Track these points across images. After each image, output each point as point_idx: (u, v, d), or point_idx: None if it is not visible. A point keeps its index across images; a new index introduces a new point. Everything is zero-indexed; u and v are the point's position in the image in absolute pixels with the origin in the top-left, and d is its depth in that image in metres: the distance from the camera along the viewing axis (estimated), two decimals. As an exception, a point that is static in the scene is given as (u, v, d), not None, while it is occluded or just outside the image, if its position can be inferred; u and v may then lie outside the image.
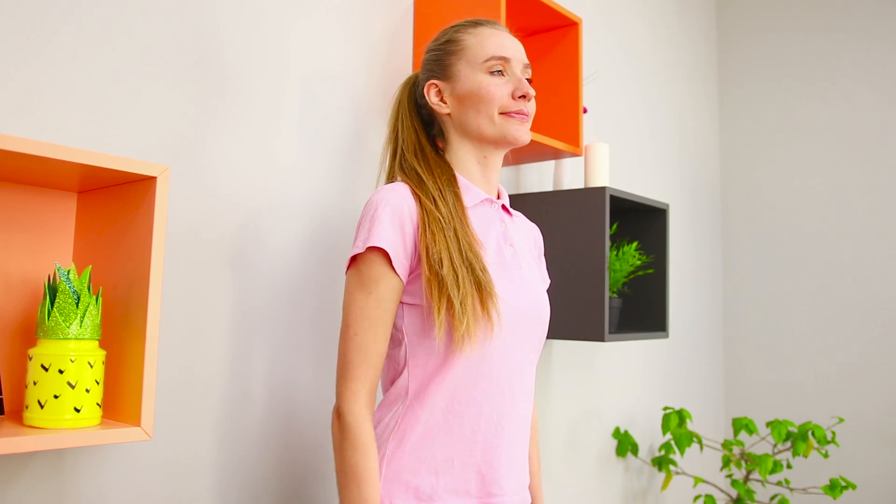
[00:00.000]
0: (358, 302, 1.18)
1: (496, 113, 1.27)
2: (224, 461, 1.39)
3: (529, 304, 1.27)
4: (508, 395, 1.23)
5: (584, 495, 2.43)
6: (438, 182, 1.25)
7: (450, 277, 1.15)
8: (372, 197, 1.22)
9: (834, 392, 3.15)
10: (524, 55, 1.32)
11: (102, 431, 1.01)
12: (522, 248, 1.34)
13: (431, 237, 1.17)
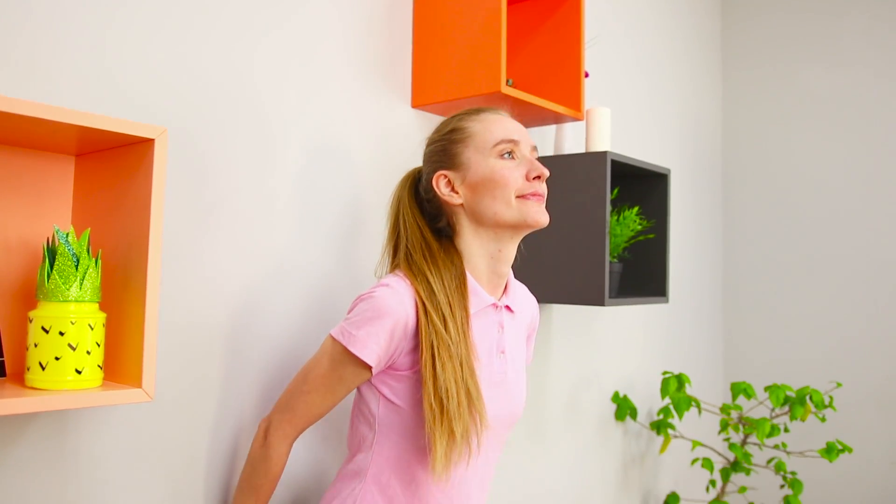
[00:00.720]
0: (322, 369, 1.22)
1: (513, 197, 1.23)
2: (225, 423, 1.40)
3: (506, 413, 1.29)
4: (466, 493, 1.27)
5: (583, 459, 2.45)
6: (448, 291, 1.21)
7: (453, 407, 1.14)
8: (378, 296, 1.19)
9: (832, 357, 3.17)
10: (530, 137, 1.30)
11: (104, 393, 1.02)
12: (513, 347, 1.33)
13: (441, 365, 1.15)
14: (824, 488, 3.16)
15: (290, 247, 1.52)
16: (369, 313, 1.18)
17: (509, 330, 1.32)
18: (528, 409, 2.20)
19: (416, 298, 1.19)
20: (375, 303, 1.18)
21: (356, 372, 1.20)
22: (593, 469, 2.51)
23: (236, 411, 1.41)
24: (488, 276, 1.29)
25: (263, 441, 1.28)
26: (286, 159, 1.52)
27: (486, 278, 1.28)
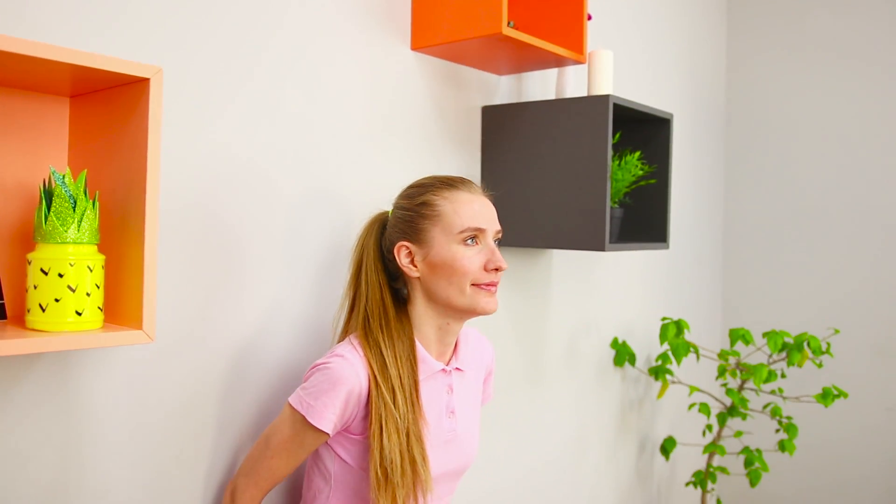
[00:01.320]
0: (283, 435, 1.28)
1: (468, 285, 1.29)
2: (227, 365, 1.41)
3: (454, 463, 1.37)
4: None
5: (581, 404, 2.48)
6: (398, 363, 1.27)
7: (397, 477, 1.22)
8: (334, 367, 1.25)
9: (831, 305, 3.18)
10: (496, 221, 1.34)
11: (104, 334, 1.02)
12: (465, 405, 1.40)
13: (388, 437, 1.23)
14: (819, 433, 3.21)
15: (287, 189, 1.51)
16: (325, 385, 1.24)
17: (459, 390, 1.39)
18: (528, 355, 2.22)
19: (368, 370, 1.26)
20: (331, 374, 1.25)
21: (315, 437, 1.26)
22: (591, 414, 2.54)
23: (238, 352, 1.42)
24: (437, 345, 1.36)
25: (231, 501, 1.33)
26: (283, 102, 1.50)
27: (435, 346, 1.36)
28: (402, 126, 1.77)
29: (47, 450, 1.17)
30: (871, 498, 3.11)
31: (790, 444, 2.64)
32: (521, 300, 2.18)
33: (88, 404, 1.21)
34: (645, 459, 2.89)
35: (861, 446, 3.13)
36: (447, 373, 1.37)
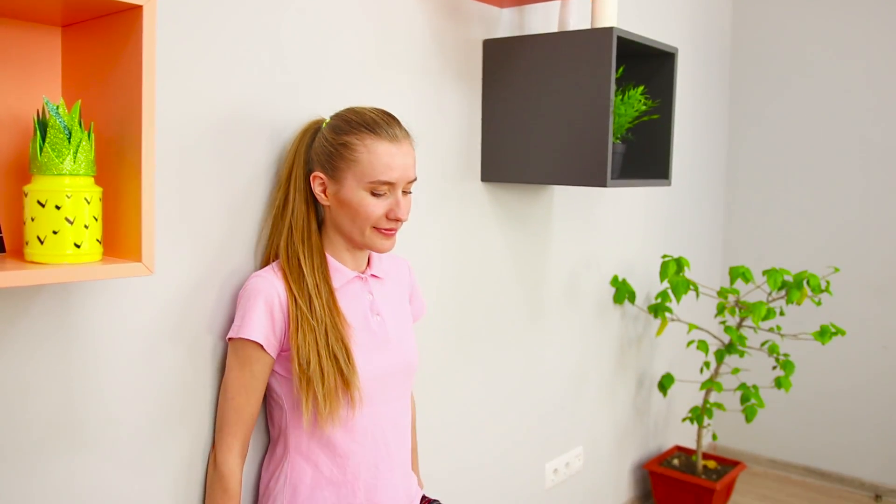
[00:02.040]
0: (234, 373, 1.34)
1: (368, 228, 1.37)
2: (228, 294, 1.41)
3: (394, 363, 1.44)
4: (382, 442, 1.43)
5: (581, 341, 2.50)
6: (316, 275, 1.36)
7: (316, 376, 1.30)
8: (249, 284, 1.35)
9: (831, 243, 3.18)
10: (412, 172, 1.37)
11: (104, 266, 1.02)
12: (389, 308, 1.48)
13: (303, 338, 1.31)
14: (815, 370, 3.24)
15: (284, 124, 1.49)
16: (244, 301, 1.34)
17: (380, 295, 1.48)
18: (528, 292, 2.22)
19: (284, 282, 1.34)
20: (247, 291, 1.34)
21: (259, 358, 1.33)
22: (591, 350, 2.56)
23: (238, 281, 1.42)
24: (350, 258, 1.44)
25: (214, 463, 1.37)
26: (281, 36, 1.47)
27: (349, 259, 1.44)
28: (403, 60, 1.74)
29: (52, 382, 1.18)
30: (864, 434, 3.17)
31: (786, 380, 2.66)
32: (522, 237, 2.18)
33: (91, 337, 1.22)
34: (643, 395, 2.93)
35: (856, 383, 3.17)
36: (363, 279, 1.45)
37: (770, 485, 3.25)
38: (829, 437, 3.26)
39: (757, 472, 3.38)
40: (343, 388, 1.33)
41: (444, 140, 1.88)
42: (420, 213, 1.82)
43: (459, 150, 1.93)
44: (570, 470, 2.51)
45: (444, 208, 1.91)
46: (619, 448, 2.81)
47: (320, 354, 1.31)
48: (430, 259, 1.88)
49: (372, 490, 1.42)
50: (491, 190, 2.04)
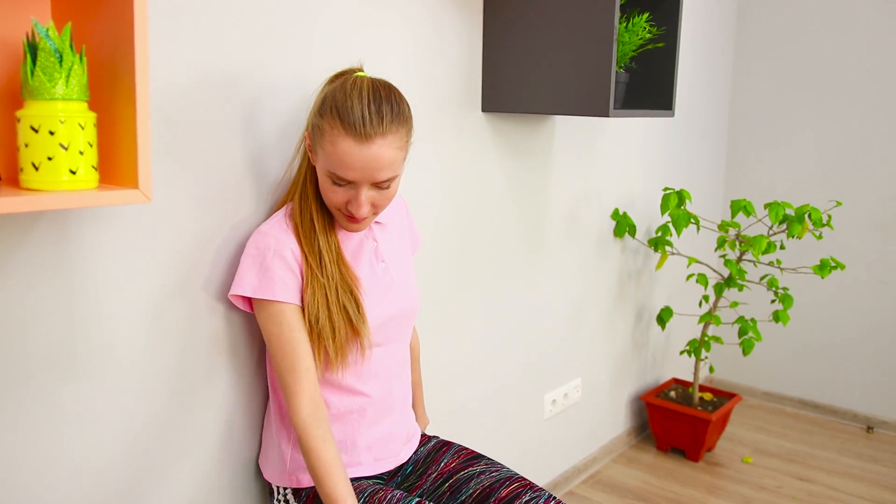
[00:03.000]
0: (275, 334, 1.32)
1: (334, 208, 1.34)
2: (228, 222, 1.40)
3: (399, 308, 1.46)
4: (386, 382, 1.46)
5: (581, 274, 2.50)
6: (327, 233, 1.37)
7: (326, 331, 1.33)
8: (261, 241, 1.33)
9: (833, 177, 3.16)
10: (380, 173, 1.28)
11: (100, 193, 1.00)
12: (393, 253, 1.49)
13: (312, 295, 1.32)
14: (813, 305, 3.26)
15: (279, 64, 1.46)
16: (260, 258, 1.32)
17: (384, 242, 1.48)
18: (528, 225, 2.21)
19: (295, 237, 1.34)
20: (257, 248, 1.33)
21: (293, 311, 1.32)
22: (590, 284, 2.56)
23: (236, 206, 1.41)
24: None
25: (298, 433, 1.30)
26: (276, -45, 1.43)
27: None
28: (401, -16, 1.70)
29: (53, 312, 1.18)
30: (858, 367, 3.20)
31: (784, 314, 2.68)
32: (523, 169, 2.16)
33: (90, 266, 1.22)
34: (641, 329, 2.95)
35: (853, 318, 3.19)
36: (368, 228, 1.45)
37: (765, 416, 3.30)
38: (823, 371, 3.30)
39: (752, 405, 3.43)
40: (353, 337, 1.36)
41: (444, 69, 1.84)
42: (419, 144, 1.80)
43: (459, 80, 1.89)
44: (568, 401, 2.54)
45: (444, 140, 1.88)
46: (617, 380, 2.84)
47: (330, 310, 1.33)
48: (429, 192, 1.87)
49: (375, 426, 1.46)
50: (491, 121, 2.02)
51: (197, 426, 1.42)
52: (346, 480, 1.28)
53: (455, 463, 1.53)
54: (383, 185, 1.31)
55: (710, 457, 2.89)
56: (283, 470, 1.44)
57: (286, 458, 1.44)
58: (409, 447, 1.55)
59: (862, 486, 2.68)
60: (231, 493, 1.52)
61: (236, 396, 1.48)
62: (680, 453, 2.91)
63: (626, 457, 2.89)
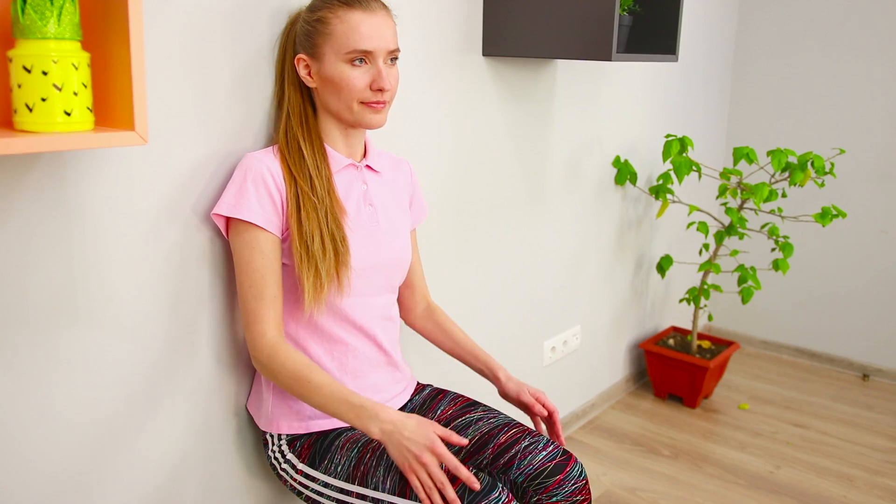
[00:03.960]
0: (245, 259, 1.32)
1: (355, 102, 1.34)
2: (227, 160, 1.39)
3: (383, 256, 1.45)
4: (370, 333, 1.45)
5: (581, 222, 2.49)
6: (316, 157, 1.36)
7: (318, 252, 1.31)
8: (243, 162, 1.33)
9: (837, 125, 3.13)
10: (391, 41, 1.34)
11: (96, 135, 0.99)
12: (383, 202, 1.48)
13: (307, 216, 1.31)
14: (813, 254, 3.26)
15: None
16: (239, 179, 1.32)
17: (375, 187, 1.47)
18: (529, 172, 2.20)
19: (280, 164, 1.34)
20: (242, 169, 1.33)
21: (267, 239, 1.32)
22: (590, 232, 2.56)
23: (233, 144, 1.40)
24: (344, 146, 1.43)
25: (258, 362, 1.34)
26: None
27: (343, 147, 1.43)
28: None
29: (52, 256, 1.18)
30: (855, 316, 3.22)
31: (784, 263, 2.68)
32: (523, 115, 2.14)
33: (89, 211, 1.21)
34: (641, 277, 2.96)
35: (851, 267, 3.20)
36: (357, 168, 1.44)
37: (762, 365, 3.33)
38: (821, 320, 3.32)
39: (750, 353, 3.46)
40: (336, 269, 1.34)
41: (444, 12, 1.81)
42: (417, 88, 1.77)
43: (460, 23, 1.86)
44: (567, 348, 2.56)
45: (443, 84, 1.85)
46: (616, 328, 2.86)
47: (322, 232, 1.32)
48: (428, 137, 1.85)
49: (358, 378, 1.46)
50: (492, 65, 1.98)
51: (192, 370, 1.43)
52: (324, 372, 1.31)
53: (452, 410, 1.54)
54: (396, 54, 1.36)
55: (707, 403, 2.92)
56: (267, 416, 1.45)
57: (269, 401, 1.45)
58: (397, 401, 1.54)
59: (856, 433, 2.71)
60: (225, 440, 1.53)
61: (229, 334, 1.48)
62: (677, 400, 2.94)
63: (624, 403, 2.92)
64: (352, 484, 1.33)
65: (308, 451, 1.41)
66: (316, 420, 1.43)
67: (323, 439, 1.41)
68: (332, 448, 1.39)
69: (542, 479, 1.40)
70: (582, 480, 1.42)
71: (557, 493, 1.40)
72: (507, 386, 1.57)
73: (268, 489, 1.66)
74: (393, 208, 1.51)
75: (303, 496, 1.42)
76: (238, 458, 1.57)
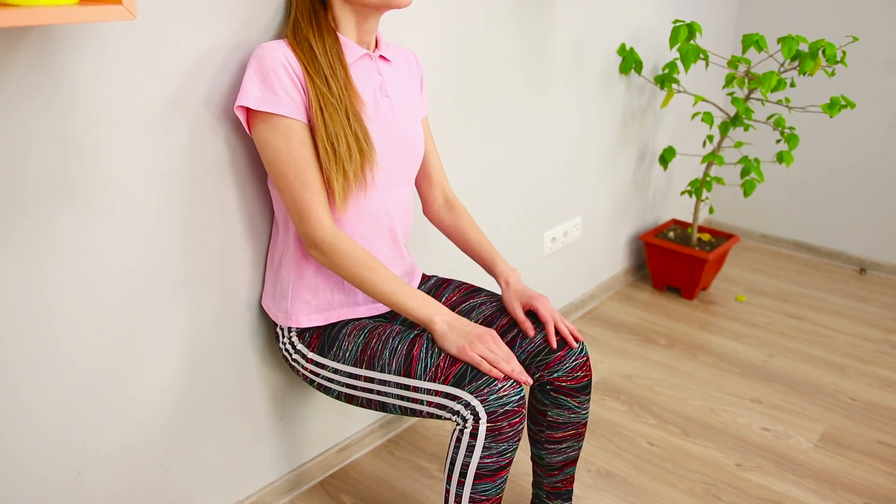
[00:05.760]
0: (284, 150, 1.28)
1: None
2: (225, 45, 1.35)
3: (401, 148, 1.43)
4: (387, 222, 1.45)
5: (584, 112, 2.44)
6: (329, 56, 1.31)
7: (345, 154, 1.29)
8: (260, 53, 1.27)
9: (851, 12, 3.02)
10: None
11: (81, 9, 0.95)
12: (398, 92, 1.44)
13: (329, 117, 1.28)
14: (817, 148, 3.22)
15: None
16: (257, 70, 1.27)
17: (390, 77, 1.44)
18: (532, 59, 2.14)
19: (295, 56, 1.29)
20: (255, 61, 1.28)
21: (301, 127, 1.29)
22: (593, 122, 2.51)
23: (242, 35, 1.35)
24: (357, 34, 1.38)
25: (318, 251, 1.33)
26: None
27: (356, 36, 1.38)
28: None
29: (44, 138, 1.15)
30: (855, 210, 3.21)
31: (788, 155, 2.65)
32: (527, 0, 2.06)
33: (80, 89, 1.17)
34: (643, 169, 2.93)
35: (856, 161, 3.16)
36: (371, 58, 1.40)
37: (760, 258, 3.34)
38: (821, 214, 3.31)
39: (749, 247, 3.47)
40: (362, 168, 1.33)
41: None
42: (420, -33, 1.70)
43: None
44: (567, 239, 2.56)
45: (446, -37, 1.78)
46: (616, 220, 2.85)
47: (346, 134, 1.29)
48: (429, 25, 1.78)
49: None
50: (496, -56, 1.90)
51: (199, 259, 1.43)
52: (385, 266, 1.34)
53: (456, 297, 1.56)
54: None
55: (704, 295, 2.95)
56: (285, 311, 1.46)
57: (288, 297, 1.45)
58: None
59: (850, 324, 2.75)
60: (240, 333, 1.55)
61: (241, 229, 1.48)
62: (675, 292, 2.97)
63: (623, 294, 2.95)
64: (360, 368, 1.36)
65: (317, 340, 1.43)
66: (334, 311, 1.45)
67: (331, 328, 1.43)
68: (340, 336, 1.41)
69: (543, 355, 1.42)
70: (583, 357, 1.44)
71: (559, 370, 1.43)
72: (515, 288, 1.52)
73: (281, 379, 1.69)
74: (408, 99, 1.47)
75: (314, 384, 1.45)
76: (252, 350, 1.60)
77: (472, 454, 1.27)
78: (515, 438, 1.27)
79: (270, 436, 1.72)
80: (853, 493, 1.86)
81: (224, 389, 1.57)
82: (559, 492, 1.58)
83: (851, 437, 2.09)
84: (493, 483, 1.29)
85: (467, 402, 1.25)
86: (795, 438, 2.08)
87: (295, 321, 1.45)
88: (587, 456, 1.98)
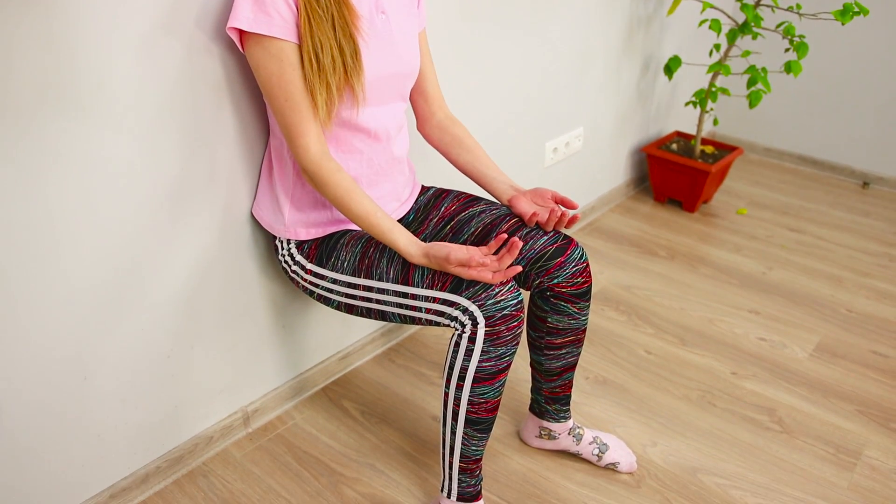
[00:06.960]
0: (275, 73, 1.26)
1: None
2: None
3: (396, 68, 1.39)
4: (384, 138, 1.43)
5: (588, 20, 2.38)
6: None
7: (329, 65, 1.25)
8: None
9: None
10: None
11: None
12: (395, 6, 1.39)
13: (317, 27, 1.23)
14: (825, 59, 3.15)
15: None
16: None
17: None
18: (535, -40, 2.07)
19: None
20: None
21: (291, 50, 1.25)
22: (597, 30, 2.45)
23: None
24: None
25: (307, 174, 1.32)
26: None
27: None
28: None
29: (35, 41, 1.11)
30: (860, 124, 3.16)
31: (797, 64, 2.59)
32: None
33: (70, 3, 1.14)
34: (648, 79, 2.87)
35: (864, 73, 3.09)
36: None
37: (763, 172, 3.32)
38: (826, 127, 3.26)
39: (752, 160, 3.44)
40: (346, 80, 1.29)
41: None
42: None
43: None
44: (569, 150, 2.53)
45: None
46: (619, 131, 2.82)
47: (331, 44, 1.25)
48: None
49: (374, 185, 1.46)
50: None
51: (195, 172, 1.41)
52: (368, 197, 1.33)
53: (455, 206, 1.55)
54: None
55: (705, 208, 2.94)
56: (282, 224, 1.46)
57: (284, 212, 1.45)
58: (405, 206, 1.56)
59: (850, 237, 2.75)
60: (239, 246, 1.55)
61: (236, 142, 1.46)
62: (677, 204, 2.95)
63: (624, 207, 2.94)
64: (358, 277, 1.36)
65: (315, 251, 1.43)
66: (332, 224, 1.45)
67: (329, 239, 1.43)
68: (338, 247, 1.41)
69: (543, 261, 1.43)
70: (582, 263, 1.45)
71: (559, 276, 1.43)
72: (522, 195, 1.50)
73: (281, 290, 1.70)
74: (405, 15, 1.42)
75: (314, 295, 1.46)
76: (252, 262, 1.60)
77: (471, 358, 1.28)
78: (514, 342, 1.28)
79: (273, 344, 1.74)
80: (845, 401, 1.90)
81: (226, 299, 1.58)
82: (557, 397, 1.61)
83: (846, 347, 2.12)
84: (491, 386, 1.31)
85: (465, 307, 1.26)
86: (791, 348, 2.10)
87: (293, 234, 1.45)
88: (585, 364, 2.01)
